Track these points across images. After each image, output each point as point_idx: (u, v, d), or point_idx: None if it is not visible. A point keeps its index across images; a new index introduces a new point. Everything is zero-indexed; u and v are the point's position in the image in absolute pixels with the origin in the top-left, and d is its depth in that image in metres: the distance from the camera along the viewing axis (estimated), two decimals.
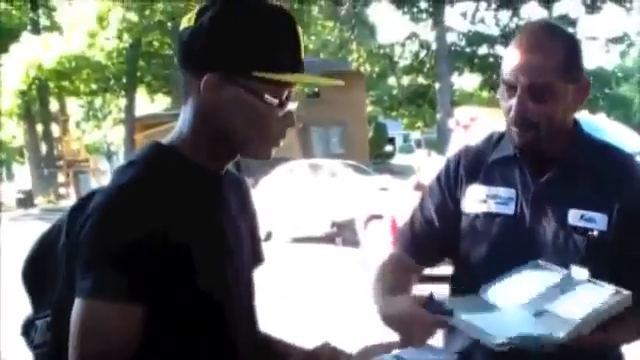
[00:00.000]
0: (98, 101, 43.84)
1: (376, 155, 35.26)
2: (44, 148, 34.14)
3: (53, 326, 1.37)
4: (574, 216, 1.73)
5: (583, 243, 1.71)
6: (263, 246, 1.67)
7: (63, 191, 31.34)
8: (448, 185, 1.90)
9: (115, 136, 53.66)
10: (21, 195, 29.26)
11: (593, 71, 29.87)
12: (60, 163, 31.92)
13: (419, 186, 10.52)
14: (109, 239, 1.26)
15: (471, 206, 1.84)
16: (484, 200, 1.81)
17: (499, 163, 1.83)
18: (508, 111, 1.73)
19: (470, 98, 33.66)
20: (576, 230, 1.72)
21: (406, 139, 54.32)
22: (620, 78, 32.80)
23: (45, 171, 32.10)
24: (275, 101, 1.34)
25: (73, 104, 41.68)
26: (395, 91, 34.75)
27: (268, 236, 14.88)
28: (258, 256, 1.61)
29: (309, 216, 14.10)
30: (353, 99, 30.50)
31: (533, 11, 32.24)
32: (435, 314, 1.55)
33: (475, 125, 9.21)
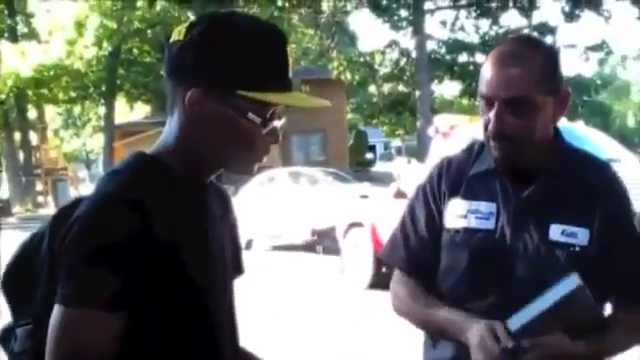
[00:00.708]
0: (77, 109, 43.56)
1: (356, 163, 35.28)
2: (22, 156, 33.82)
3: (33, 335, 1.35)
4: (555, 231, 1.71)
5: (564, 258, 1.69)
6: (243, 256, 1.66)
7: (41, 199, 31.09)
8: (433, 198, 1.86)
9: (94, 144, 53.37)
10: None
11: (572, 79, 30.04)
12: (38, 171, 31.65)
13: (399, 194, 10.53)
14: (92, 246, 1.25)
15: (452, 221, 1.81)
16: (464, 215, 1.78)
17: (480, 176, 1.80)
18: (487, 125, 1.70)
19: (450, 106, 33.79)
20: (557, 245, 1.70)
21: (386, 146, 54.49)
22: (599, 85, 33.06)
23: (23, 179, 31.80)
24: (258, 120, 1.34)
25: (51, 112, 41.39)
26: (375, 99, 34.79)
27: (248, 244, 14.84)
28: (238, 267, 1.60)
29: (289, 224, 14.07)
30: (333, 107, 30.46)
31: (513, 19, 32.58)
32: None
33: (455, 133, 9.24)
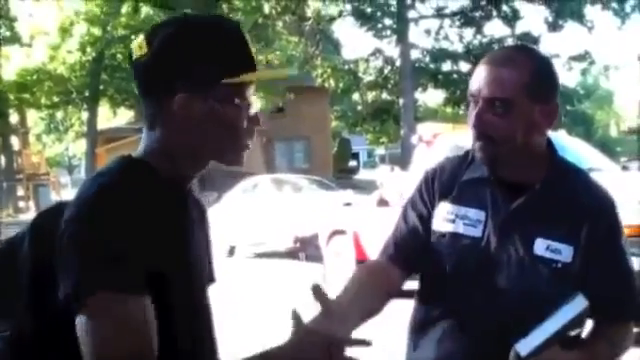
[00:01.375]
0: (60, 114, 43.31)
1: (340, 170, 35.31)
2: (3, 161, 33.58)
3: (15, 342, 1.34)
4: (540, 246, 1.71)
5: (546, 273, 1.70)
6: (215, 266, 1.64)
7: (22, 205, 30.85)
8: (429, 196, 1.88)
9: (77, 149, 53.13)
10: None
11: None
12: (20, 176, 31.40)
13: (382, 201, 10.53)
14: (110, 235, 1.25)
15: (439, 224, 1.83)
16: (452, 220, 1.80)
17: (472, 183, 1.81)
18: (471, 124, 1.72)
19: (434, 114, 33.96)
20: (541, 260, 1.71)
21: (370, 154, 54.60)
22: (581, 95, 33.32)
23: (4, 184, 31.56)
24: (244, 102, 1.40)
25: (34, 116, 41.14)
26: (359, 106, 34.87)
27: (231, 251, 14.80)
28: (211, 275, 1.60)
29: (272, 231, 14.04)
30: (317, 114, 30.60)
31: (497, 29, 32.83)
32: None
33: (438, 141, 9.26)
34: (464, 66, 29.83)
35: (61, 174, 47.19)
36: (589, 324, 1.80)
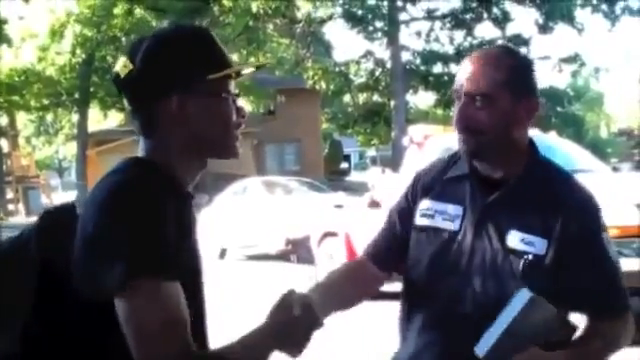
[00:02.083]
0: (49, 116, 43.13)
1: (331, 172, 35.32)
2: None
3: (20, 340, 1.38)
4: (513, 238, 1.77)
5: (518, 265, 1.75)
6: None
7: (12, 207, 30.72)
8: (412, 196, 1.98)
9: (67, 152, 52.90)
10: None
11: (545, 90, 30.32)
12: (9, 179, 31.29)
13: (374, 203, 10.52)
14: (141, 225, 1.34)
15: (420, 219, 1.92)
16: (432, 215, 1.89)
17: (453, 180, 1.90)
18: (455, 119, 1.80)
19: (425, 116, 33.94)
20: (513, 252, 1.76)
21: (361, 156, 54.63)
22: (572, 97, 33.36)
23: None
24: (231, 94, 1.53)
25: (23, 119, 40.97)
26: (350, 108, 34.85)
27: (222, 253, 14.77)
28: None
29: (264, 233, 14.02)
30: (308, 116, 30.60)
31: (487, 31, 32.75)
32: None
33: (429, 143, 9.26)
34: (455, 68, 29.83)
35: (51, 177, 46.97)
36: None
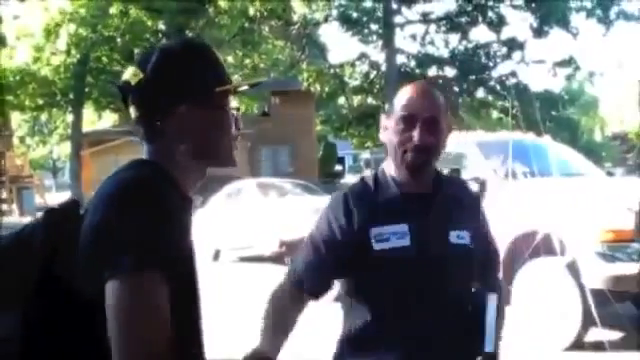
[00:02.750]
0: (44, 116, 43.01)
1: (325, 174, 35.29)
2: None
3: (24, 321, 1.43)
4: (453, 236, 2.18)
5: (461, 254, 2.18)
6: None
7: (5, 207, 30.62)
8: (338, 221, 2.20)
9: (61, 152, 52.72)
10: None
11: (540, 94, 30.34)
12: (3, 179, 31.15)
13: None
14: (147, 222, 1.40)
15: (377, 245, 2.13)
16: (387, 238, 2.13)
17: (389, 202, 2.19)
18: (404, 142, 2.15)
19: None
20: (456, 246, 2.17)
21: (355, 159, 54.59)
22: (566, 101, 33.36)
23: None
24: (234, 108, 1.65)
25: (17, 119, 40.84)
26: (345, 111, 34.86)
27: (216, 255, 14.73)
28: None
29: (257, 235, 14.00)
30: (303, 118, 30.57)
31: (482, 34, 32.73)
32: None
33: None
34: (449, 71, 29.91)
35: (45, 177, 46.85)
36: None
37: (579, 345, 6.62)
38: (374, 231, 2.13)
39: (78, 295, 1.40)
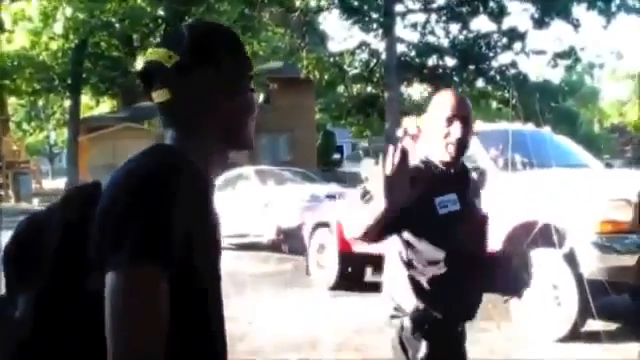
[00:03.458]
0: (41, 101, 42.91)
1: (324, 163, 35.26)
2: None
3: (38, 303, 1.42)
4: (477, 203, 3.07)
5: (485, 216, 3.06)
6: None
7: (2, 193, 30.58)
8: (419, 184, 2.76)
9: (58, 138, 52.65)
10: None
11: (540, 84, 30.27)
12: None
13: (367, 194, 10.51)
14: (159, 213, 1.34)
15: (441, 210, 2.87)
16: (446, 205, 2.88)
17: (441, 180, 2.91)
18: (445, 136, 2.88)
19: (419, 108, 33.89)
20: (480, 210, 3.07)
21: (354, 147, 54.57)
22: (566, 92, 33.30)
23: None
24: (254, 91, 1.65)
25: (14, 104, 40.74)
26: (344, 99, 34.75)
27: None
28: None
29: (256, 223, 13.98)
30: (302, 106, 30.53)
31: (483, 24, 32.66)
32: None
33: (423, 135, 9.23)
34: (450, 61, 29.81)
35: (42, 163, 46.76)
36: None
37: (575, 336, 6.63)
38: (438, 199, 2.87)
39: (88, 282, 1.37)
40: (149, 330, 1.30)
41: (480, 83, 30.62)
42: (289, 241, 13.54)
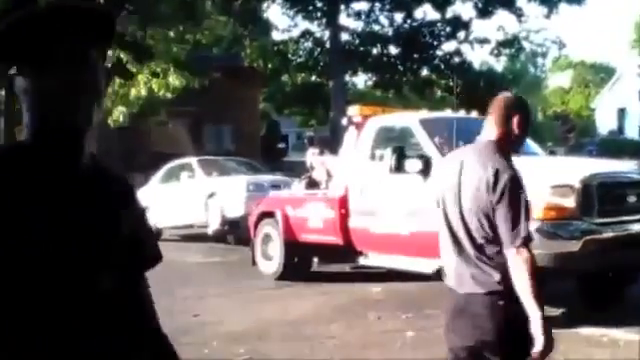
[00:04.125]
0: None
1: (268, 152, 35.06)
2: None
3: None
4: None
5: None
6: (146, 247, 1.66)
7: None
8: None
9: None
10: None
11: (483, 73, 30.57)
12: None
13: (312, 183, 10.45)
14: None
15: None
16: None
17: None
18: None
19: (363, 97, 33.93)
20: None
21: (299, 136, 54.47)
22: (510, 81, 33.66)
23: None
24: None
25: None
26: (288, 88, 34.59)
27: (157, 234, 14.50)
28: (139, 257, 1.61)
29: (200, 213, 13.81)
30: (246, 96, 30.24)
31: (427, 13, 32.91)
32: None
33: (368, 123, 9.19)
34: (394, 49, 29.91)
35: None
36: None
37: None
38: None
39: None
40: None
41: (424, 71, 30.80)
42: (234, 232, 13.41)
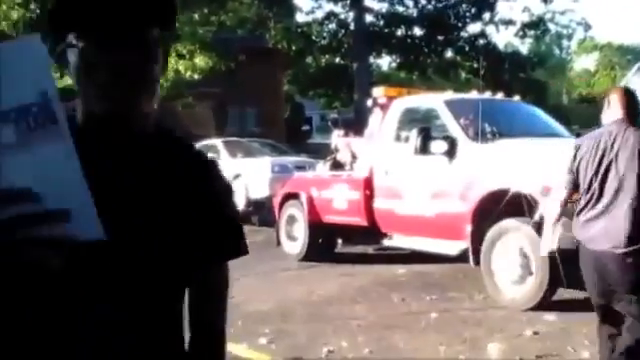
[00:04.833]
0: None
1: (292, 134, 35.06)
2: None
3: None
4: None
5: None
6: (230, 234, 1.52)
7: None
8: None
9: None
10: None
11: (509, 54, 30.25)
12: None
13: (337, 164, 10.43)
14: None
15: None
16: None
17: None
18: None
19: (387, 79, 33.76)
20: None
21: (323, 118, 54.38)
22: (535, 63, 33.32)
23: None
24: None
25: None
26: (312, 70, 34.51)
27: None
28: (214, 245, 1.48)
29: None
30: (270, 77, 30.22)
31: None
32: None
33: (393, 105, 9.16)
34: (418, 31, 29.71)
35: None
36: None
37: (546, 305, 6.63)
38: None
39: None
40: None
41: (449, 53, 30.58)
42: (259, 213, 13.45)
